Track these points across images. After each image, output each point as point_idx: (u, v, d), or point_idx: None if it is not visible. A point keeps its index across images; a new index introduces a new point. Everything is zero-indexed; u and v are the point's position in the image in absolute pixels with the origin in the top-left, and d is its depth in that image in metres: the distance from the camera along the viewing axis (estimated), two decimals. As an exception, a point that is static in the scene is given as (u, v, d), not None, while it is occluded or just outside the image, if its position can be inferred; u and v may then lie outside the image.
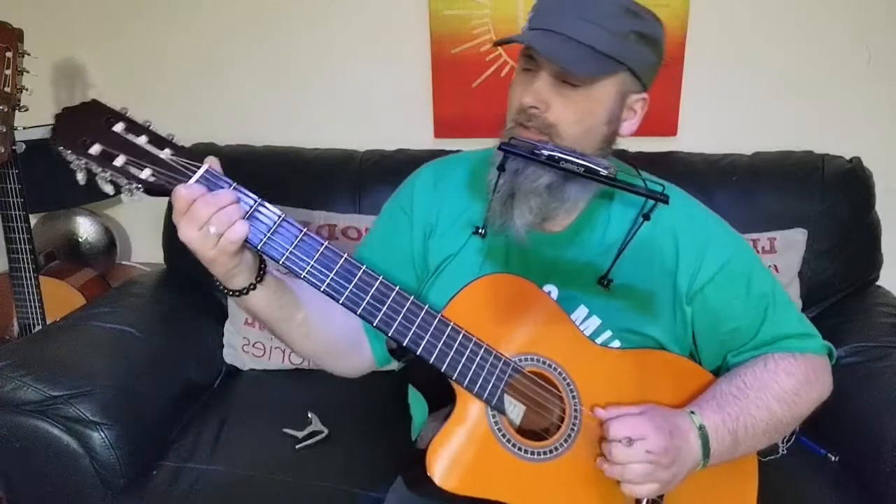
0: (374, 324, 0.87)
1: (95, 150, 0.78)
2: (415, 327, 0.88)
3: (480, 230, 1.01)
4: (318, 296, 0.86)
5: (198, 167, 0.80)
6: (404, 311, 0.87)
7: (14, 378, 1.29)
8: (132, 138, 0.79)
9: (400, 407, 1.20)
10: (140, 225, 2.22)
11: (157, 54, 2.02)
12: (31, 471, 1.31)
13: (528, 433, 0.94)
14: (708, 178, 1.70)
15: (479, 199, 1.05)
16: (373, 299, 0.86)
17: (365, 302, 0.86)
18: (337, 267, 0.84)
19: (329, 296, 0.85)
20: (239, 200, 0.80)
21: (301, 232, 0.83)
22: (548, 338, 0.96)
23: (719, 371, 1.07)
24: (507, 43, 0.92)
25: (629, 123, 1.00)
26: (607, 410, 0.94)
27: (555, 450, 0.93)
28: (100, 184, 0.78)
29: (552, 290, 1.03)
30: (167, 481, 1.35)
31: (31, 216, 1.71)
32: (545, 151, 0.89)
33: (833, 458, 1.40)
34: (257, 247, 0.81)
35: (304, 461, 1.40)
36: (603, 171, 0.88)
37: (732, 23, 1.83)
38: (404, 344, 0.88)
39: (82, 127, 0.78)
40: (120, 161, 0.78)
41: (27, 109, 1.61)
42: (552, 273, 1.03)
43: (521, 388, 0.94)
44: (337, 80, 1.99)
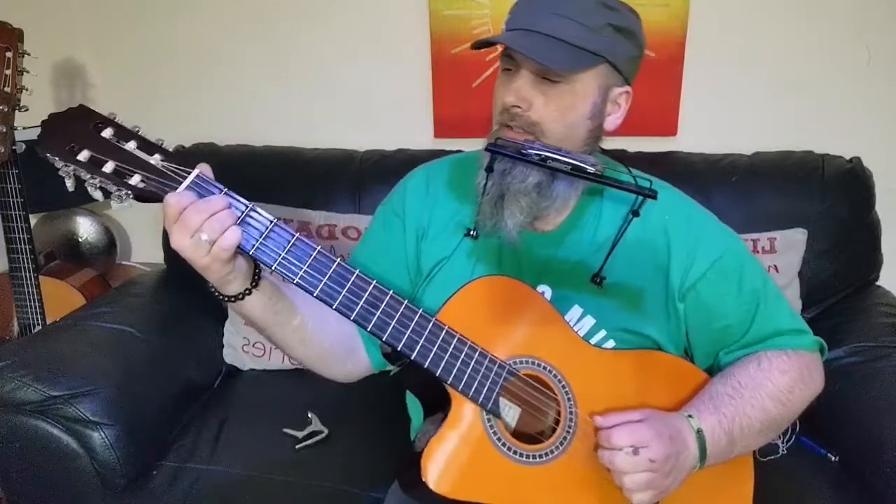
0: (368, 328, 0.86)
1: (84, 156, 0.77)
2: (409, 332, 0.88)
3: (472, 232, 1.01)
4: (313, 301, 0.85)
5: (188, 172, 0.79)
6: (398, 315, 0.87)
7: (14, 378, 1.29)
8: (121, 144, 0.78)
9: (400, 407, 1.20)
10: (140, 225, 2.23)
11: (157, 54, 2.01)
12: (31, 471, 1.31)
13: (524, 436, 0.94)
14: (708, 178, 1.69)
15: (469, 201, 1.04)
16: (366, 304, 0.86)
17: (358, 307, 0.85)
18: (330, 272, 0.84)
19: (322, 301, 0.85)
20: (230, 206, 0.79)
21: (293, 237, 0.82)
22: (542, 340, 0.96)
23: (712, 370, 1.07)
24: (485, 46, 0.92)
25: (614, 118, 1.00)
26: (606, 417, 0.93)
27: (550, 453, 0.93)
28: (89, 190, 0.78)
29: (546, 291, 1.03)
30: (167, 481, 1.35)
31: (31, 216, 1.71)
32: (532, 150, 0.89)
33: (833, 458, 1.40)
34: (249, 252, 0.81)
35: (303, 461, 1.40)
36: (590, 168, 0.89)
37: (732, 23, 1.82)
38: (398, 349, 0.88)
39: (70, 133, 0.77)
40: (109, 167, 0.77)
41: (27, 109, 1.61)
42: (545, 273, 1.03)
43: (516, 392, 0.94)
44: (337, 80, 1.98)
